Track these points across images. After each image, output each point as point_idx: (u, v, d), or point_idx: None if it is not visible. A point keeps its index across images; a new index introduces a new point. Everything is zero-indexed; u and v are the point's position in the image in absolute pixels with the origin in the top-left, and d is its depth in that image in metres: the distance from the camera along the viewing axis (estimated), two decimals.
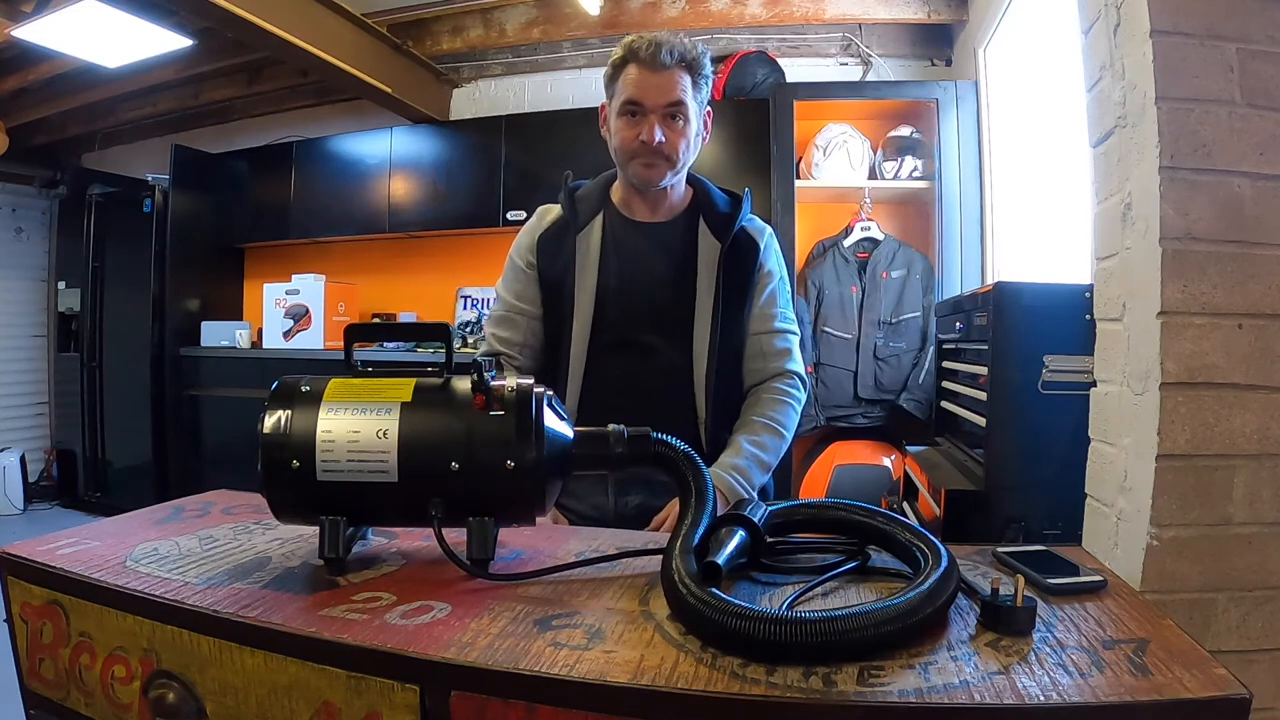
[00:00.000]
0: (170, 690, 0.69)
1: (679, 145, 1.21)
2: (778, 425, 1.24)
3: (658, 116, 1.19)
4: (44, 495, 4.61)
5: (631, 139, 1.20)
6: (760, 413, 1.24)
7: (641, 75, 1.18)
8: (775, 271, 1.31)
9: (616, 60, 1.21)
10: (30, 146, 4.42)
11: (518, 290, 1.30)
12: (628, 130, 1.21)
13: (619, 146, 1.23)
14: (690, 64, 1.19)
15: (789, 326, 1.31)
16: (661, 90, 1.18)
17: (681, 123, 1.20)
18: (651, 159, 1.20)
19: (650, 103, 1.18)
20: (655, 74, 1.18)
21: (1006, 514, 1.29)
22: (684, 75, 1.19)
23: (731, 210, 1.28)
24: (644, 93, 1.18)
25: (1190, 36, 0.80)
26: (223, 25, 2.80)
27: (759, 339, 1.28)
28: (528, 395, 0.76)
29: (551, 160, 3.30)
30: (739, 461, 1.17)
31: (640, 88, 1.19)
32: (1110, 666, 0.57)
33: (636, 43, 1.19)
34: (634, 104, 1.19)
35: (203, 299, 4.19)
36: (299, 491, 0.74)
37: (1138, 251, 0.84)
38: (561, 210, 1.29)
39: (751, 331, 1.28)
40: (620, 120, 1.22)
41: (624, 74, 1.20)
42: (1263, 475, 0.80)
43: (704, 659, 0.59)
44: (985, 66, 2.86)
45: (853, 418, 2.95)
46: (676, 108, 1.19)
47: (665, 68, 1.17)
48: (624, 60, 1.20)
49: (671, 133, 1.20)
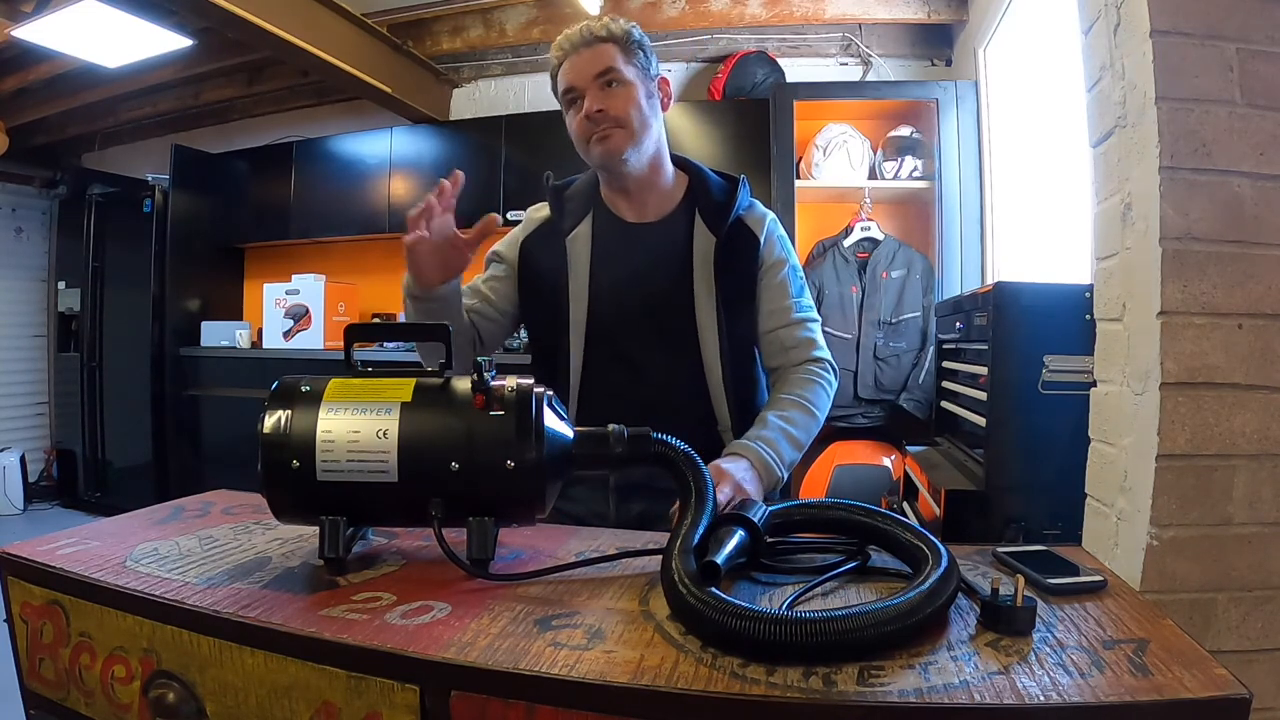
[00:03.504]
0: (170, 690, 0.69)
1: (627, 109, 1.16)
2: (807, 402, 1.16)
3: (593, 89, 1.16)
4: (44, 495, 4.61)
5: (580, 123, 1.18)
6: (787, 391, 1.18)
7: (569, 61, 1.18)
8: (784, 258, 1.24)
9: (553, 64, 1.21)
10: (30, 146, 4.42)
11: (488, 276, 1.29)
12: (574, 118, 1.19)
13: (576, 137, 1.20)
14: (614, 37, 1.17)
15: (808, 315, 1.23)
16: (588, 65, 1.16)
17: (617, 87, 1.16)
18: (603, 130, 1.16)
19: (581, 82, 1.16)
20: (579, 55, 1.17)
21: (1006, 514, 1.29)
22: (608, 46, 1.17)
23: (727, 199, 1.23)
24: (574, 75, 1.17)
25: (1190, 36, 0.80)
26: (223, 25, 2.79)
27: (777, 334, 1.22)
28: (528, 395, 0.76)
29: (551, 160, 3.30)
30: (766, 433, 1.10)
31: (569, 72, 1.18)
32: (1110, 666, 0.57)
33: (560, 38, 1.19)
34: (570, 90, 1.18)
35: (203, 299, 4.19)
36: (299, 491, 0.74)
37: (1138, 251, 0.84)
38: (550, 212, 1.26)
39: (767, 328, 1.22)
40: (568, 115, 1.20)
41: (559, 71, 1.19)
42: (1263, 475, 0.80)
43: (704, 659, 0.59)
44: (985, 66, 2.86)
45: (853, 418, 2.95)
46: (607, 74, 1.16)
47: (587, 44, 1.16)
48: (556, 60, 1.20)
49: (611, 99, 1.16)
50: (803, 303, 1.24)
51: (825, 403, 1.19)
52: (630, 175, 1.20)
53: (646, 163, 1.20)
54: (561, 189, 1.29)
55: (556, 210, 1.26)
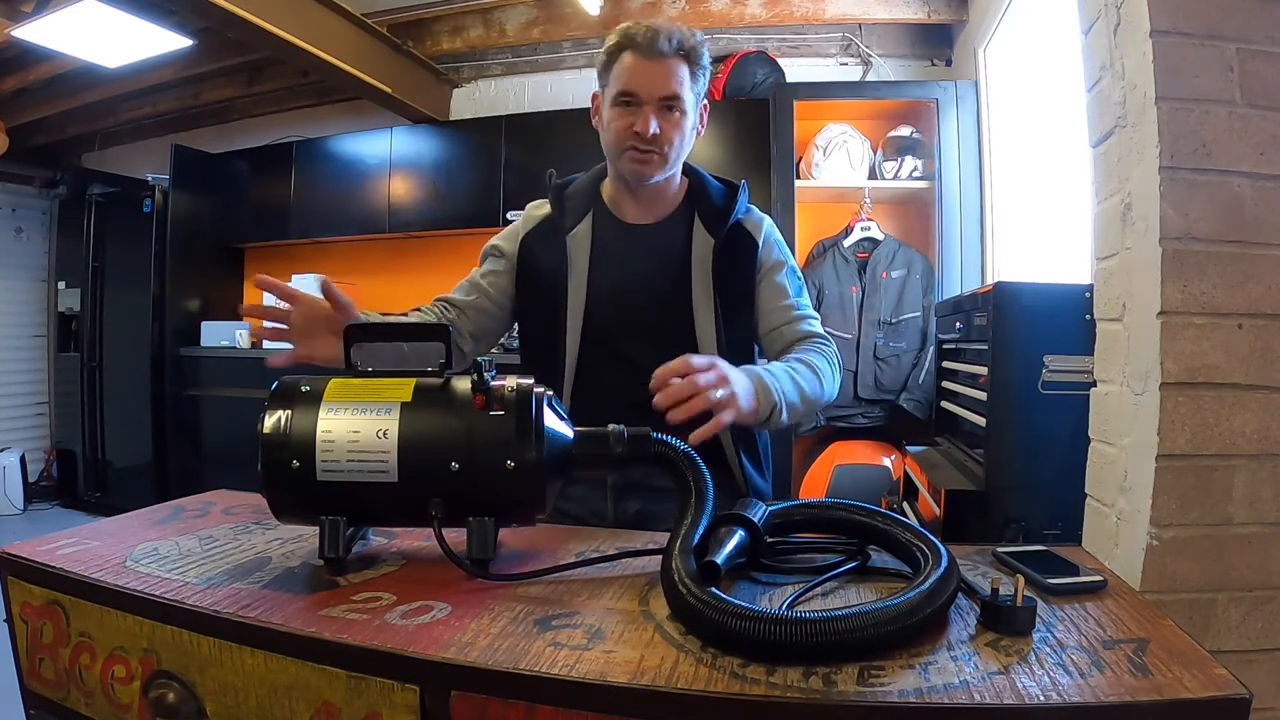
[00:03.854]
0: (170, 690, 0.69)
1: (674, 138, 1.15)
2: (811, 364, 1.15)
3: (653, 108, 1.13)
4: (44, 495, 4.61)
5: (625, 130, 1.15)
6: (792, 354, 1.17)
7: (637, 63, 1.13)
8: (782, 261, 1.25)
9: (611, 47, 1.16)
10: (30, 146, 4.42)
11: (485, 271, 1.28)
12: (621, 120, 1.15)
13: (612, 138, 1.17)
14: (688, 53, 1.14)
15: (808, 312, 1.24)
16: (658, 80, 1.13)
17: (678, 115, 1.15)
18: (645, 153, 1.15)
19: (646, 93, 1.13)
20: (652, 62, 1.13)
21: (1006, 514, 1.29)
22: (681, 65, 1.14)
23: (726, 203, 1.23)
24: (639, 82, 1.13)
25: (1190, 36, 0.80)
26: (223, 25, 2.80)
27: (780, 331, 1.22)
28: (528, 395, 0.76)
29: (551, 160, 3.30)
30: (772, 367, 1.09)
31: (636, 77, 1.13)
32: (1110, 666, 0.57)
33: (634, 29, 1.13)
34: (629, 95, 1.14)
35: (203, 299, 4.19)
36: (299, 491, 0.74)
37: (1138, 251, 0.84)
38: (550, 209, 1.25)
39: (768, 327, 1.22)
40: (614, 110, 1.16)
41: (619, 62, 1.15)
42: (1263, 475, 0.80)
43: (704, 659, 0.59)
44: (985, 66, 2.86)
45: (853, 418, 2.95)
46: (673, 100, 1.14)
47: (663, 56, 1.12)
48: (619, 47, 1.15)
49: (667, 124, 1.14)
50: (802, 302, 1.25)
51: (828, 373, 1.17)
52: (646, 188, 1.22)
53: (664, 180, 1.22)
54: (563, 187, 1.28)
55: (557, 208, 1.25)
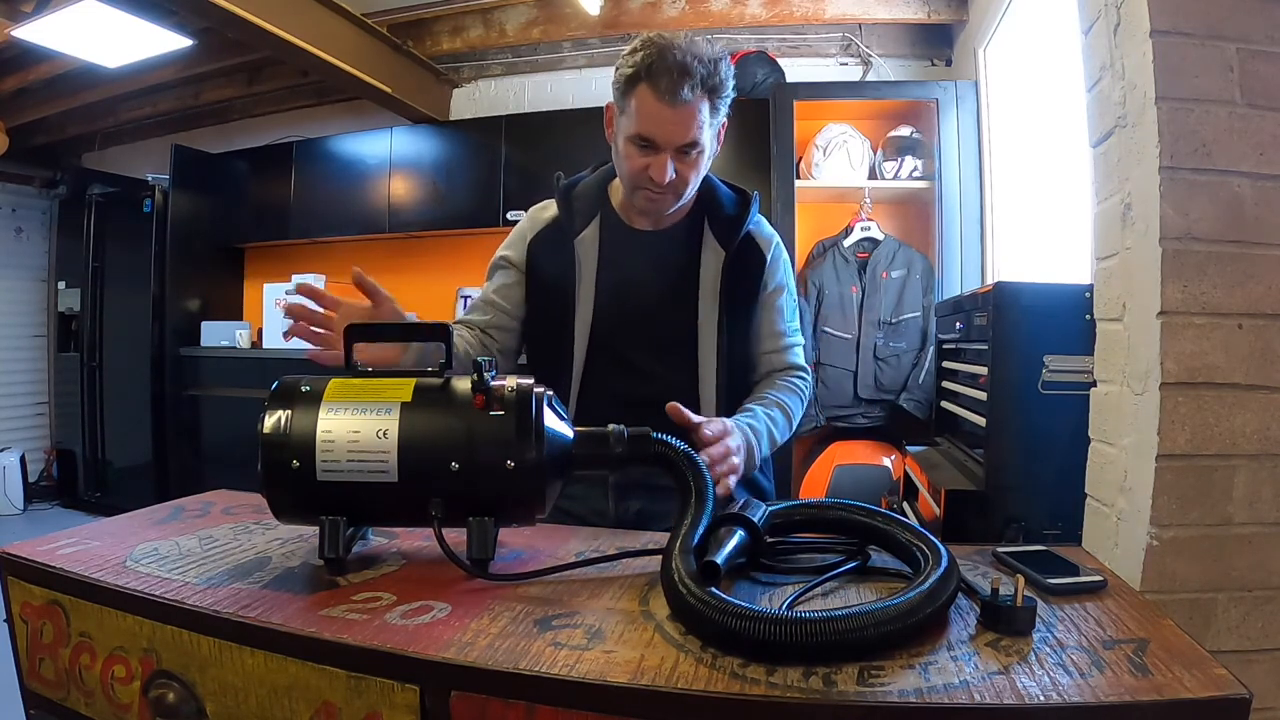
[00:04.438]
0: (170, 690, 0.69)
1: (689, 179, 1.14)
2: (788, 408, 1.21)
3: (670, 153, 1.10)
4: (44, 495, 4.61)
5: (640, 172, 1.12)
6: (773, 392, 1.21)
7: (658, 109, 1.07)
8: (784, 285, 1.26)
9: (631, 75, 1.08)
10: (30, 146, 4.43)
11: (497, 285, 1.27)
12: (637, 161, 1.12)
13: (626, 173, 1.15)
14: (712, 90, 1.08)
15: (797, 340, 1.28)
16: (677, 129, 1.08)
17: (695, 155, 1.12)
18: (658, 196, 1.14)
19: (664, 141, 1.09)
20: (673, 109, 1.07)
21: (1006, 514, 1.29)
22: (704, 105, 1.08)
23: (739, 212, 1.23)
24: (658, 129, 1.09)
25: (1190, 36, 0.80)
26: (223, 25, 2.80)
27: (768, 358, 1.26)
28: (528, 395, 0.76)
29: (551, 160, 3.29)
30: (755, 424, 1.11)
31: (654, 123, 1.08)
32: (1110, 666, 0.57)
33: (657, 62, 1.05)
34: (646, 140, 1.10)
35: (203, 299, 4.19)
36: (299, 491, 0.74)
37: (1138, 251, 0.84)
38: (557, 210, 1.25)
39: (762, 350, 1.25)
40: (629, 146, 1.12)
41: (637, 96, 1.08)
42: (1263, 475, 0.80)
43: (704, 659, 0.59)
44: (985, 66, 2.86)
45: (853, 418, 2.95)
46: (691, 147, 1.11)
47: (684, 102, 1.06)
48: (638, 78, 1.07)
49: (683, 167, 1.12)
50: (793, 327, 1.29)
51: (799, 414, 1.25)
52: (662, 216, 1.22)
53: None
54: (570, 188, 1.27)
55: (565, 210, 1.24)
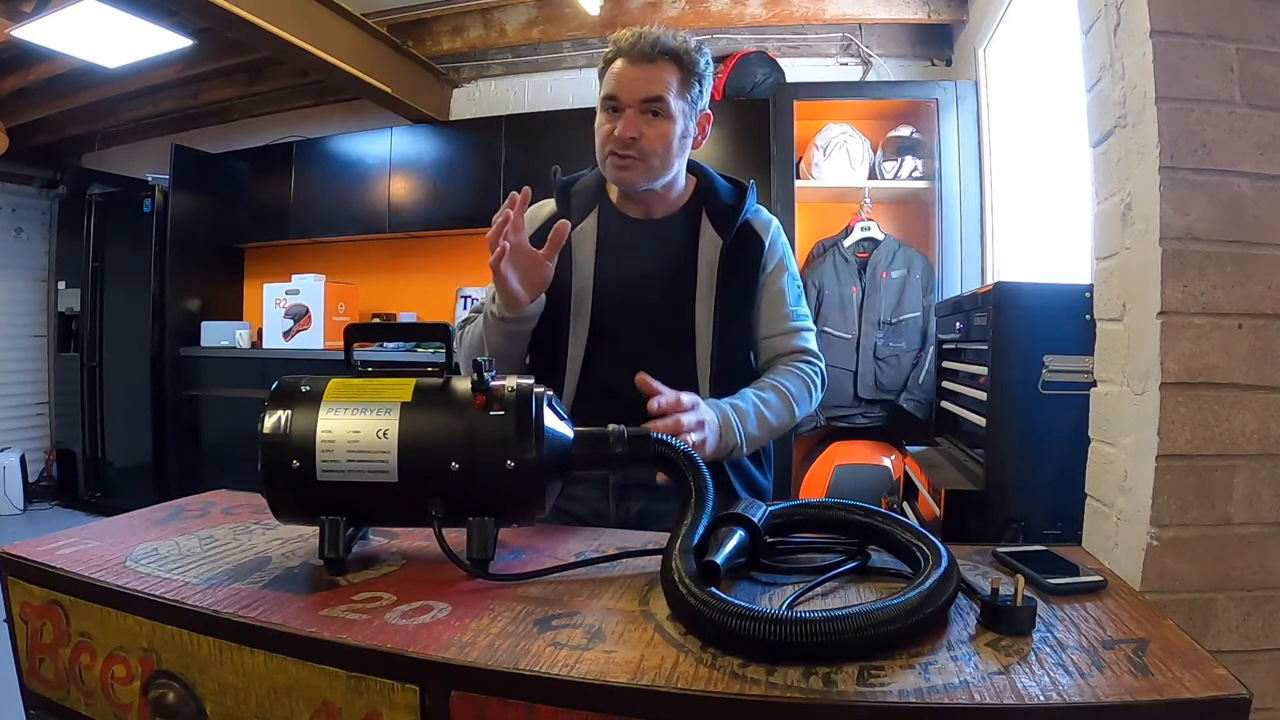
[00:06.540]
0: (170, 690, 0.69)
1: (656, 145, 1.13)
2: (786, 391, 1.17)
3: (634, 111, 1.12)
4: (44, 495, 4.61)
5: (607, 135, 1.14)
6: (773, 376, 1.19)
7: (623, 68, 1.13)
8: (785, 266, 1.24)
9: (607, 55, 1.16)
10: (30, 146, 4.42)
11: None
12: (605, 125, 1.15)
13: (597, 144, 1.17)
14: (678, 57, 1.13)
15: (804, 324, 1.25)
16: (640, 83, 1.12)
17: (660, 119, 1.13)
18: (624, 158, 1.13)
19: (627, 96, 1.12)
20: (637, 66, 1.12)
21: (1006, 514, 1.29)
22: (668, 69, 1.12)
23: (735, 202, 1.22)
24: (622, 86, 1.13)
25: (1190, 36, 0.80)
26: (223, 25, 2.80)
27: (772, 341, 1.23)
28: (528, 395, 0.76)
29: (552, 160, 3.28)
30: (741, 404, 1.10)
31: (619, 81, 1.13)
32: (1110, 666, 0.57)
33: (622, 35, 1.14)
34: (612, 98, 1.13)
35: (203, 299, 4.20)
36: (299, 491, 0.74)
37: (1138, 251, 0.84)
38: (555, 207, 1.25)
39: (764, 334, 1.23)
40: (600, 115, 1.16)
41: (610, 69, 1.15)
42: (1263, 475, 0.80)
43: (704, 659, 0.59)
44: (985, 66, 2.86)
45: (853, 418, 2.95)
46: (655, 103, 1.12)
47: (648, 60, 1.12)
48: (612, 56, 1.15)
49: (648, 129, 1.12)
50: (799, 311, 1.25)
51: (804, 398, 1.20)
52: (638, 193, 1.21)
53: (659, 187, 1.20)
54: (569, 184, 1.28)
55: (563, 204, 1.25)
